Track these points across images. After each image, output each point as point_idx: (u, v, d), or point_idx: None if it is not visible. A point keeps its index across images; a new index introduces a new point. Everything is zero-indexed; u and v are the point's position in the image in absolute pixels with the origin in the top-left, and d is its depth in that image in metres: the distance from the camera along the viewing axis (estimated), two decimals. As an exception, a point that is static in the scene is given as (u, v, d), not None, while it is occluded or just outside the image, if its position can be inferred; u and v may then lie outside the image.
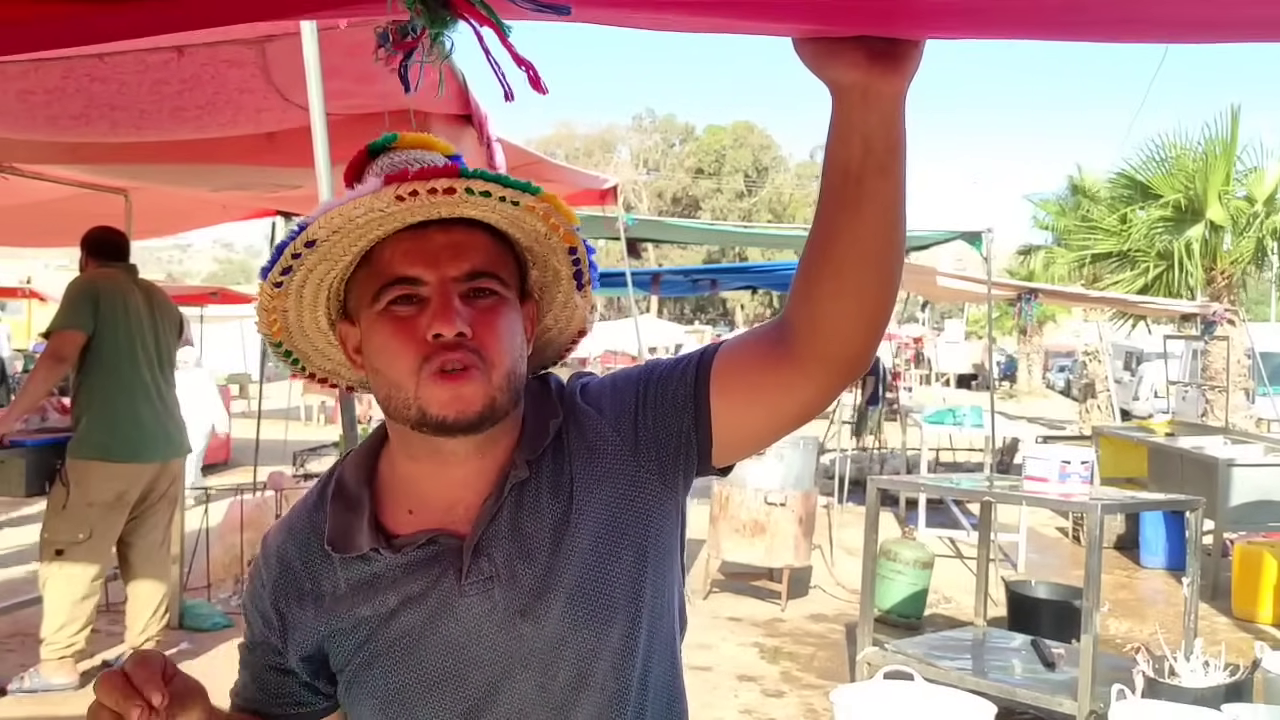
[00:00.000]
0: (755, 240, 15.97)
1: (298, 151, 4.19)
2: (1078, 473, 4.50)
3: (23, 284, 14.06)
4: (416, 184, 0.96)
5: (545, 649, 1.07)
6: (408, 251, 1.03)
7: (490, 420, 1.06)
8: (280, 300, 1.08)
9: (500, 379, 1.05)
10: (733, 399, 1.09)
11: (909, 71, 0.94)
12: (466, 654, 1.07)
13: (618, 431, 1.12)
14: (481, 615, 1.07)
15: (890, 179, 0.97)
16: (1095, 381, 13.46)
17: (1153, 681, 3.90)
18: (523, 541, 1.08)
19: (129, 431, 4.41)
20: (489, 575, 1.07)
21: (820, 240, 1.01)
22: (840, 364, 1.05)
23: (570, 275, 1.15)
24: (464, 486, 1.10)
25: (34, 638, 4.56)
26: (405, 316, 1.04)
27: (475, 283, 1.05)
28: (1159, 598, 7.05)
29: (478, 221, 1.06)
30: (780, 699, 4.80)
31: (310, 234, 1.00)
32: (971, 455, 11.82)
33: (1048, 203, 19.00)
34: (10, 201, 5.15)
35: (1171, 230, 12.23)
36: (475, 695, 1.07)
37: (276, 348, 1.14)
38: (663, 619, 1.14)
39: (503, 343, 1.06)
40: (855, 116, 0.95)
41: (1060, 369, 32.92)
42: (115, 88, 3.23)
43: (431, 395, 1.03)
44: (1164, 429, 8.38)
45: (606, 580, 1.09)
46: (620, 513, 1.10)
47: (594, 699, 1.08)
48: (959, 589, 6.81)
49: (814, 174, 53.76)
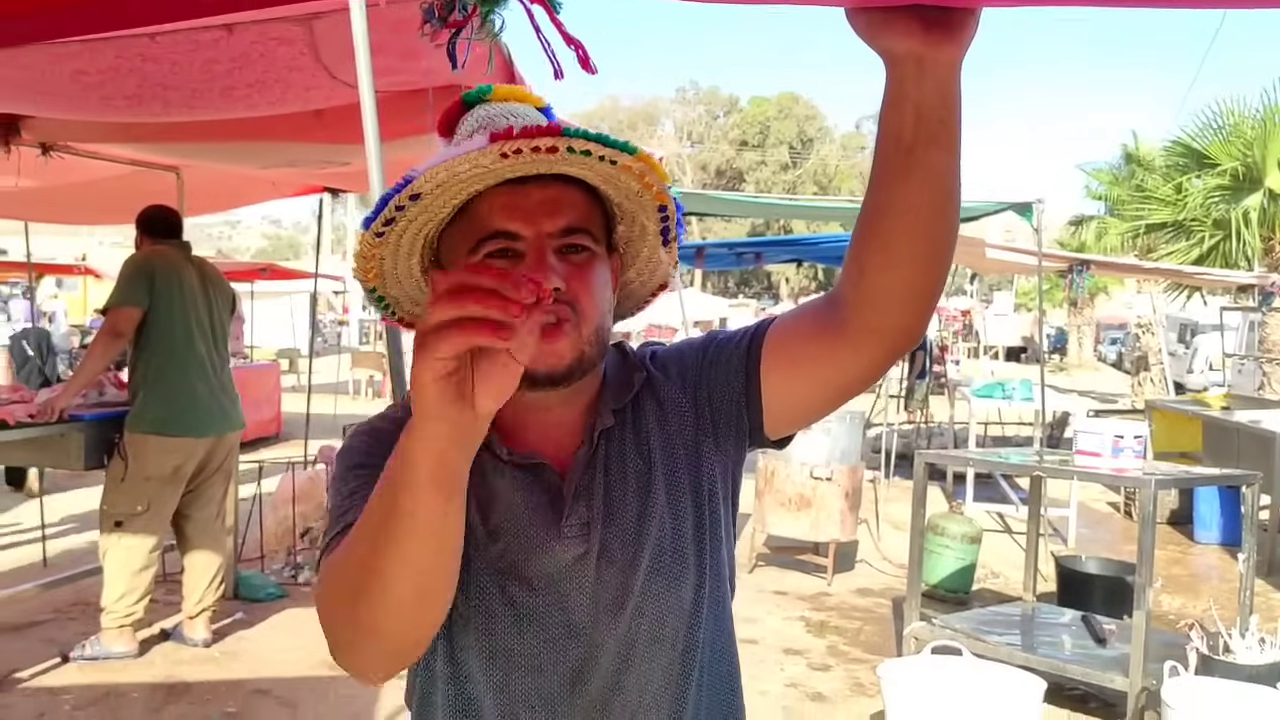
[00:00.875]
0: (800, 213, 15.83)
1: (345, 128, 4.22)
2: (1131, 447, 4.43)
3: (78, 261, 14.32)
4: (521, 142, 0.96)
5: (628, 600, 1.10)
6: (505, 206, 1.05)
7: (579, 372, 1.08)
8: (378, 249, 1.10)
9: (590, 333, 1.08)
10: (783, 371, 1.12)
11: (965, 40, 0.93)
12: (558, 595, 1.10)
13: (684, 394, 1.17)
14: (576, 559, 1.10)
15: (944, 150, 0.96)
16: (1148, 354, 13.20)
17: (1206, 658, 3.85)
18: (614, 491, 1.13)
19: (184, 406, 4.50)
20: (586, 521, 1.11)
21: (872, 212, 1.00)
22: (891, 338, 1.05)
23: (657, 231, 1.17)
24: (553, 432, 1.13)
25: (95, 606, 4.68)
26: (502, 270, 1.05)
27: (569, 239, 1.06)
28: (1213, 574, 6.96)
29: (572, 177, 1.07)
30: (826, 673, 4.80)
31: (415, 187, 1.01)
32: (1020, 429, 11.69)
33: (1100, 172, 18.66)
34: (65, 180, 5.23)
35: (1228, 199, 11.96)
36: (558, 636, 1.10)
37: (371, 293, 1.17)
38: (721, 581, 1.18)
39: (594, 297, 1.08)
40: (909, 87, 0.94)
41: (1112, 341, 32.40)
42: (167, 67, 3.26)
43: None
44: (1219, 402, 8.23)
45: (679, 537, 1.13)
46: (688, 473, 1.15)
47: (665, 654, 1.12)
48: (1007, 564, 6.76)
49: (860, 145, 53.24)
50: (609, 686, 1.10)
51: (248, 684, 4.36)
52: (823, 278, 44.00)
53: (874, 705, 4.29)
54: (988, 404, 9.46)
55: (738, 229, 38.09)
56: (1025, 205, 7.29)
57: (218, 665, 4.56)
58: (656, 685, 1.12)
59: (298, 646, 4.78)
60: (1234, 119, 12.09)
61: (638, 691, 1.11)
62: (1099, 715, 4.30)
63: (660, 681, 1.12)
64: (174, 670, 4.50)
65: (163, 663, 4.59)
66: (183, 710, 4.10)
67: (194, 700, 4.19)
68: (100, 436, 4.56)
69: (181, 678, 4.41)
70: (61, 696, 4.18)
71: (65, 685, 4.29)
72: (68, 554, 6.33)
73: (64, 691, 4.22)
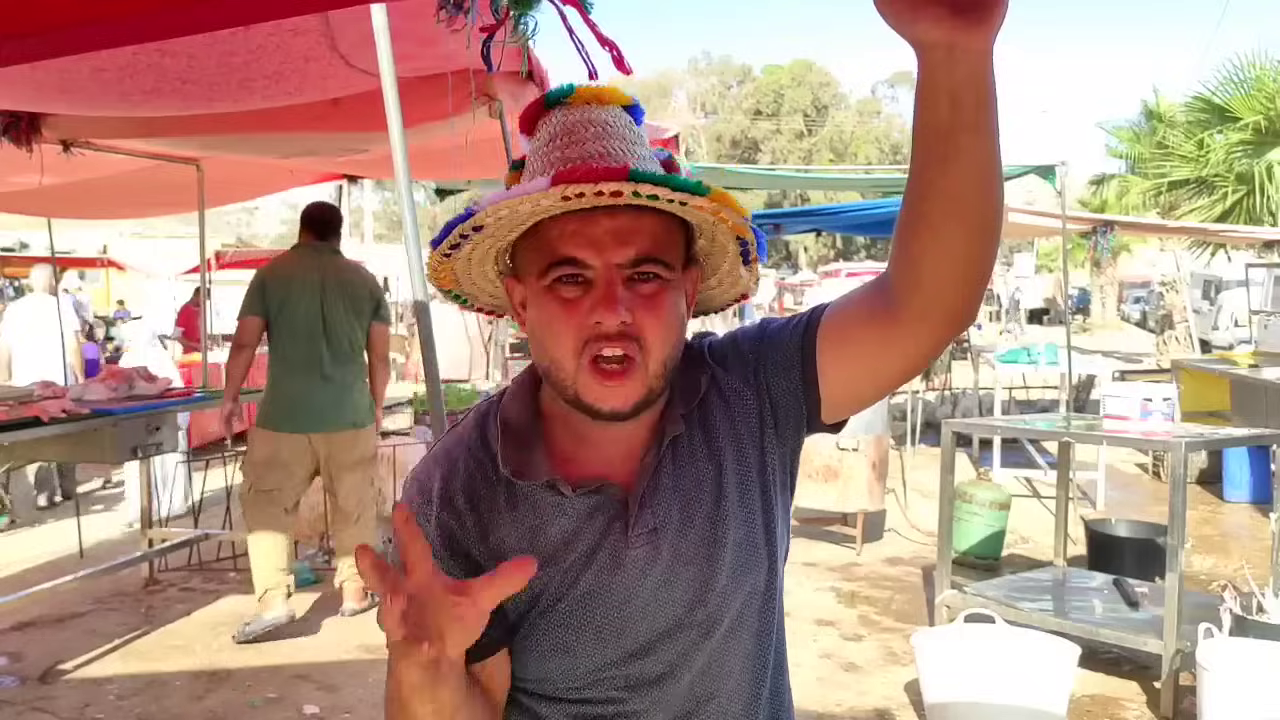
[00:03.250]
0: (817, 184, 15.74)
1: (363, 116, 4.23)
2: (1159, 410, 4.42)
3: (100, 254, 14.40)
4: (584, 186, 0.97)
5: (708, 597, 1.12)
6: (575, 234, 1.05)
7: (644, 408, 1.10)
8: (449, 264, 1.13)
9: (657, 366, 1.08)
10: (839, 357, 1.12)
11: (995, 25, 0.91)
12: (633, 605, 1.11)
13: (746, 387, 1.18)
14: (647, 566, 1.11)
15: (981, 134, 0.95)
16: (1173, 312, 13.07)
17: (1240, 619, 3.84)
18: (683, 494, 1.13)
19: (280, 403, 4.83)
20: (653, 527, 1.12)
21: (915, 198, 1.00)
22: (942, 319, 1.05)
23: (736, 252, 1.17)
24: (622, 442, 1.14)
25: (134, 596, 4.79)
26: (570, 298, 1.06)
27: (640, 268, 1.06)
28: (1243, 533, 6.92)
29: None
30: (859, 643, 4.82)
31: (478, 220, 1.03)
32: (1045, 393, 11.64)
33: (1121, 130, 18.46)
34: (86, 176, 5.26)
35: (1251, 154, 11.81)
36: (640, 644, 1.11)
37: (448, 294, 1.19)
38: (781, 564, 1.21)
39: (663, 329, 1.08)
40: (941, 74, 0.92)
41: (1135, 300, 32.13)
42: (185, 61, 3.27)
43: (588, 386, 1.07)
44: (1247, 360, 8.16)
45: (752, 528, 1.15)
46: (755, 465, 1.16)
47: (746, 643, 1.15)
48: (1037, 529, 6.75)
49: (876, 110, 52.75)
50: (698, 680, 1.13)
51: (287, 669, 4.42)
52: (841, 245, 43.79)
53: (907, 674, 4.31)
54: (1012, 369, 9.41)
55: (755, 200, 37.89)
56: (1048, 168, 7.22)
57: (257, 651, 4.62)
58: (739, 672, 1.15)
59: (334, 631, 4.85)
60: (1256, 72, 11.92)
61: (724, 680, 1.14)
62: (1132, 678, 4.30)
63: (741, 668, 1.15)
64: (215, 658, 4.57)
65: (203, 651, 4.66)
66: (225, 697, 4.17)
67: (235, 687, 4.26)
68: (130, 431, 4.62)
69: (222, 665, 4.48)
70: (106, 686, 4.25)
71: (109, 675, 4.37)
72: (103, 545, 6.42)
73: (108, 681, 4.30)
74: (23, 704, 4.08)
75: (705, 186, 1.01)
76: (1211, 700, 3.45)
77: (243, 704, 4.09)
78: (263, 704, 4.09)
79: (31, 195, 5.61)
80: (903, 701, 4.15)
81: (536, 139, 1.12)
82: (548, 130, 1.11)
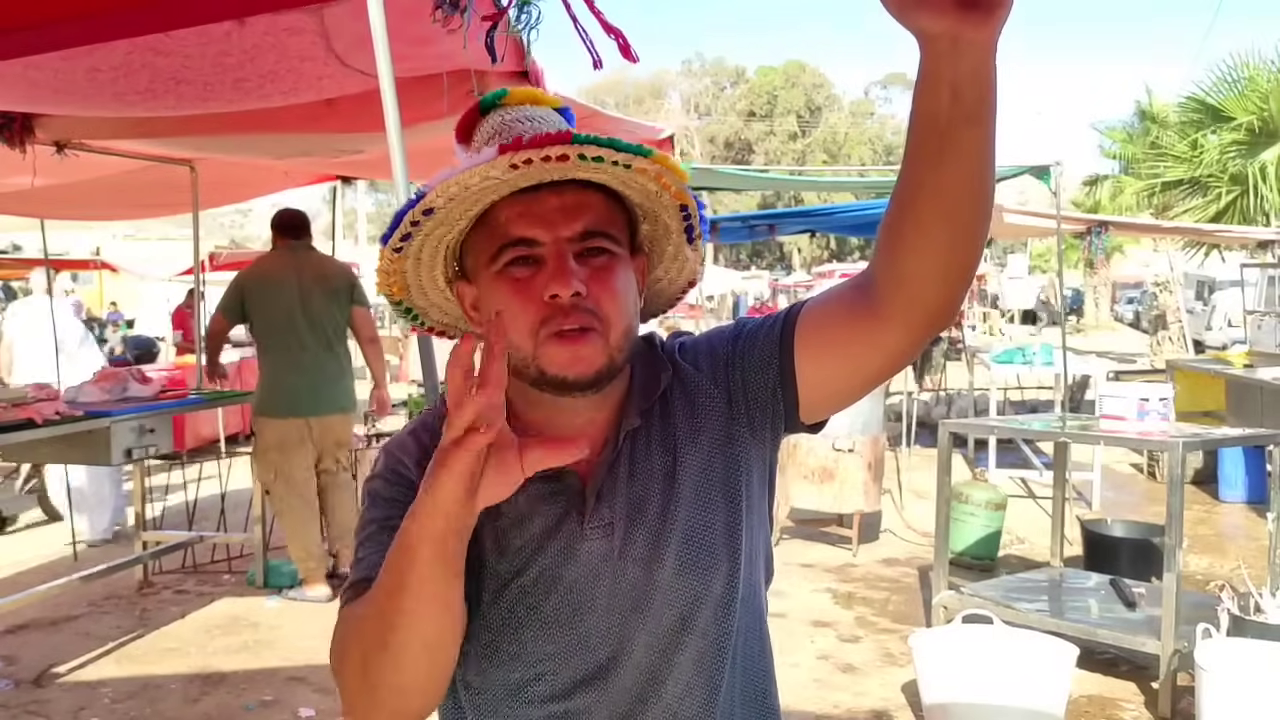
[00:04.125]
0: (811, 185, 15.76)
1: (358, 116, 4.21)
2: (1156, 410, 4.42)
3: (93, 255, 14.37)
4: (530, 152, 0.97)
5: (654, 594, 1.11)
6: (522, 214, 1.06)
7: (608, 378, 1.09)
8: (399, 263, 1.12)
9: (617, 337, 1.08)
10: (817, 355, 1.11)
11: (1001, 17, 0.90)
12: (584, 597, 1.11)
13: (715, 385, 1.17)
14: (599, 559, 1.11)
15: (980, 129, 0.94)
16: (1166, 312, 13.10)
17: (1238, 619, 3.84)
18: (637, 489, 1.13)
19: (276, 392, 5.25)
20: (608, 521, 1.12)
21: (907, 192, 0.99)
22: (924, 317, 1.04)
23: (681, 229, 1.17)
24: (583, 431, 1.13)
25: (128, 599, 4.79)
26: (522, 278, 1.07)
27: (589, 242, 1.07)
28: (1239, 533, 6.93)
29: (589, 181, 1.07)
30: (856, 644, 4.82)
31: (428, 202, 1.03)
32: (1039, 394, 11.65)
33: (1115, 130, 18.49)
34: (79, 177, 5.23)
35: (1245, 154, 11.83)
36: (587, 637, 1.11)
37: (397, 306, 1.19)
38: (755, 568, 1.19)
39: (618, 301, 1.08)
40: (944, 66, 0.91)
41: (1129, 301, 32.20)
42: (179, 61, 3.25)
43: (550, 356, 1.06)
44: (1242, 360, 8.17)
45: (709, 529, 1.13)
46: (717, 464, 1.15)
47: (696, 645, 1.12)
48: (1032, 529, 6.75)
49: (869, 111, 52.84)
50: (642, 677, 1.11)
51: (282, 672, 4.40)
52: (835, 246, 43.81)
53: (905, 675, 4.31)
54: (1007, 369, 9.41)
55: (748, 201, 37.90)
56: (1043, 168, 7.22)
57: (252, 654, 4.61)
58: (689, 674, 1.12)
59: (329, 633, 4.79)
60: (1249, 72, 11.93)
61: (671, 681, 1.12)
62: (1129, 679, 4.30)
63: (693, 670, 1.12)
64: (209, 660, 4.55)
65: (198, 653, 4.64)
66: (220, 700, 4.15)
67: (230, 690, 4.24)
68: (126, 432, 4.59)
69: (217, 668, 4.46)
70: (100, 690, 4.23)
71: (104, 679, 4.35)
72: (98, 548, 6.39)
73: (102, 685, 4.28)
74: (17, 707, 4.06)
75: (648, 149, 1.02)
76: (1211, 701, 3.44)
77: (238, 707, 4.08)
78: (258, 707, 4.07)
79: (24, 197, 5.58)
80: (900, 703, 4.14)
81: (474, 143, 1.13)
82: (484, 132, 1.13)
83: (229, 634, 4.85)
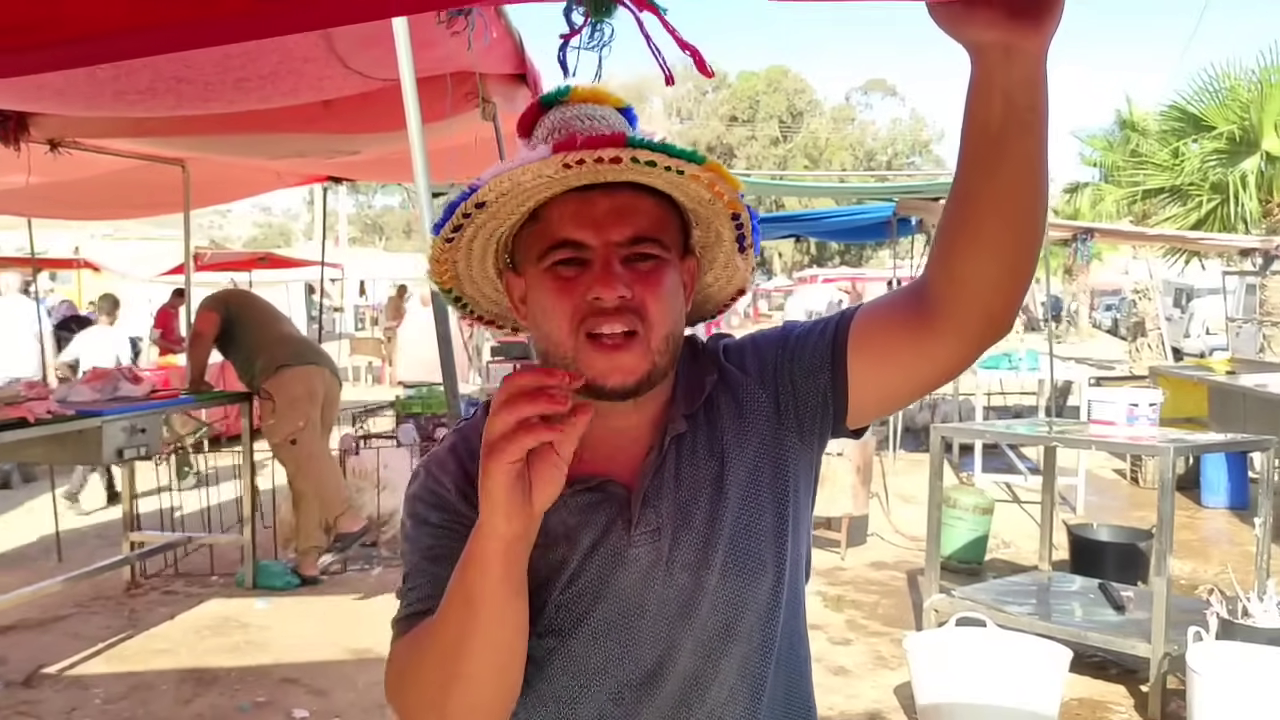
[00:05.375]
0: (793, 190, 15.82)
1: (355, 117, 4.20)
2: (1146, 415, 4.47)
3: (75, 254, 14.24)
4: (584, 153, 0.97)
5: (701, 600, 1.10)
6: (574, 214, 1.05)
7: (648, 385, 1.08)
8: (450, 253, 1.12)
9: (659, 342, 1.07)
10: (870, 361, 1.11)
11: (1052, 25, 0.91)
12: (633, 604, 1.10)
13: (763, 389, 1.16)
14: (648, 566, 1.10)
15: (1033, 136, 0.95)
16: (1145, 320, 13.20)
17: (1227, 623, 3.89)
18: (684, 494, 1.12)
19: (291, 346, 5.60)
20: (655, 527, 1.11)
21: (961, 200, 0.99)
22: (980, 326, 1.04)
23: (733, 238, 1.16)
24: (624, 438, 1.13)
25: (116, 600, 4.75)
26: (568, 277, 1.06)
27: (638, 248, 1.06)
28: (1221, 538, 7.01)
29: (642, 184, 1.07)
30: (848, 646, 4.84)
31: (480, 196, 1.02)
32: (1022, 399, 11.74)
33: (1095, 138, 18.59)
34: (70, 176, 5.19)
35: (1225, 163, 11.91)
36: (635, 644, 1.10)
37: (448, 294, 1.18)
38: (798, 571, 1.19)
39: (664, 304, 1.07)
40: (997, 76, 0.92)
41: (1107, 308, 32.44)
42: (181, 61, 3.24)
43: (590, 361, 1.05)
44: (1224, 367, 8.25)
45: (756, 534, 1.13)
46: (764, 469, 1.14)
47: (741, 649, 1.12)
48: (1018, 533, 6.81)
49: (850, 117, 52.98)
50: (687, 682, 1.11)
51: (275, 672, 4.39)
52: (815, 252, 43.93)
53: (896, 678, 4.34)
54: (990, 374, 9.47)
55: (730, 205, 37.81)
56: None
57: (244, 655, 4.59)
58: (734, 680, 1.12)
59: (320, 634, 4.82)
60: (1230, 81, 12.04)
61: (716, 686, 1.12)
62: (1119, 682, 4.35)
63: (737, 676, 1.12)
64: (200, 661, 4.53)
65: (188, 654, 4.61)
66: (213, 700, 4.13)
67: (223, 690, 4.22)
68: (118, 431, 4.57)
69: (209, 668, 4.44)
70: (91, 690, 4.20)
71: (94, 678, 4.32)
72: (82, 548, 6.35)
73: (93, 684, 4.25)
74: (7, 708, 4.03)
75: (701, 156, 1.02)
76: (1202, 703, 3.48)
77: (232, 708, 4.06)
78: (252, 708, 4.05)
79: (14, 195, 5.54)
80: (893, 705, 4.17)
81: (533, 140, 1.12)
82: (544, 128, 1.12)
83: (219, 635, 4.83)
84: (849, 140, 50.49)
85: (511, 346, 9.77)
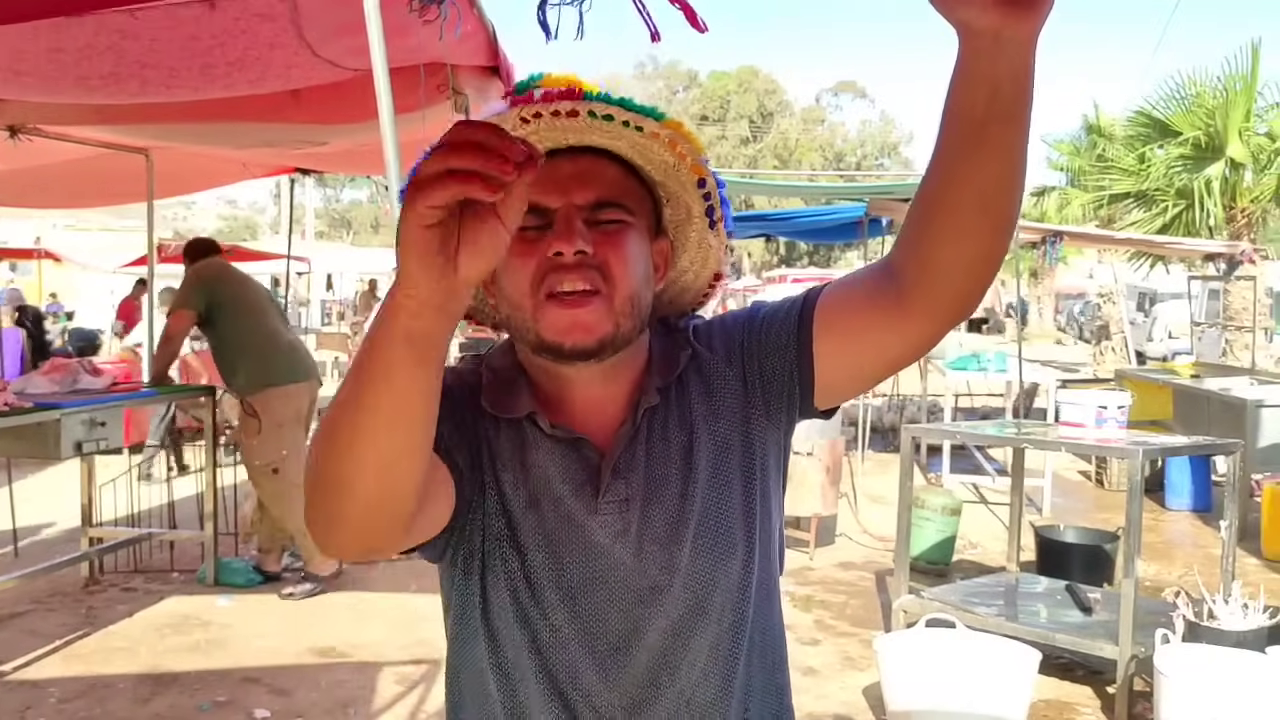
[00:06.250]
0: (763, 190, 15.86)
1: (323, 108, 4.14)
2: (1114, 417, 4.49)
3: (36, 245, 14.02)
4: (540, 105, 0.95)
5: (670, 576, 1.10)
6: (538, 180, 1.01)
7: (611, 348, 1.06)
8: None
9: (623, 302, 1.05)
10: (836, 341, 1.10)
11: (1044, 13, 0.89)
12: (598, 571, 1.10)
13: (730, 368, 1.16)
14: (614, 536, 1.10)
15: (1016, 125, 0.92)
16: (1109, 323, 13.35)
17: (1193, 625, 3.91)
18: (655, 468, 1.11)
19: (280, 359, 5.18)
20: (624, 498, 1.10)
21: (937, 185, 0.97)
22: (948, 308, 1.03)
23: (702, 213, 1.15)
24: (596, 408, 1.12)
25: (74, 597, 4.64)
26: (531, 239, 1.04)
27: (602, 212, 1.05)
28: (1186, 540, 7.07)
29: (607, 153, 1.05)
30: (816, 647, 4.83)
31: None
32: (989, 400, 11.80)
33: (1062, 143, 18.76)
34: (29, 164, 5.09)
35: (1191, 169, 12.04)
36: (604, 613, 1.10)
37: None
38: (770, 555, 1.18)
39: (627, 264, 1.05)
40: (985, 62, 0.89)
41: (1077, 312, 32.80)
42: (146, 44, 3.17)
43: (549, 320, 1.03)
44: (1189, 370, 8.34)
45: (726, 513, 1.12)
46: (734, 447, 1.14)
47: (711, 629, 1.11)
48: (985, 534, 6.83)
49: (820, 119, 53.24)
50: (656, 661, 1.10)
51: (236, 672, 4.31)
52: (784, 252, 44.10)
53: (865, 678, 4.33)
54: (959, 376, 9.52)
55: (700, 204, 37.91)
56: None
57: (204, 654, 4.51)
58: (704, 660, 1.11)
59: (282, 633, 4.74)
60: (1196, 88, 12.17)
61: (686, 666, 1.11)
62: (1085, 683, 4.36)
63: (708, 656, 1.12)
64: (160, 660, 4.44)
65: (147, 653, 4.52)
66: (172, 700, 4.05)
67: (183, 690, 4.14)
68: (76, 425, 4.47)
69: (168, 668, 4.36)
70: (47, 689, 4.11)
71: (51, 678, 4.22)
72: (40, 543, 6.23)
73: (50, 684, 4.16)
74: (-41, 708, 3.94)
75: (661, 112, 1.00)
76: (1169, 705, 3.49)
77: (191, 708, 3.98)
78: (212, 708, 3.98)
79: (-31, 182, 5.43)
80: (861, 706, 4.16)
81: (486, 108, 1.12)
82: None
83: (180, 633, 4.74)
84: (819, 141, 50.75)
85: (480, 343, 9.71)
